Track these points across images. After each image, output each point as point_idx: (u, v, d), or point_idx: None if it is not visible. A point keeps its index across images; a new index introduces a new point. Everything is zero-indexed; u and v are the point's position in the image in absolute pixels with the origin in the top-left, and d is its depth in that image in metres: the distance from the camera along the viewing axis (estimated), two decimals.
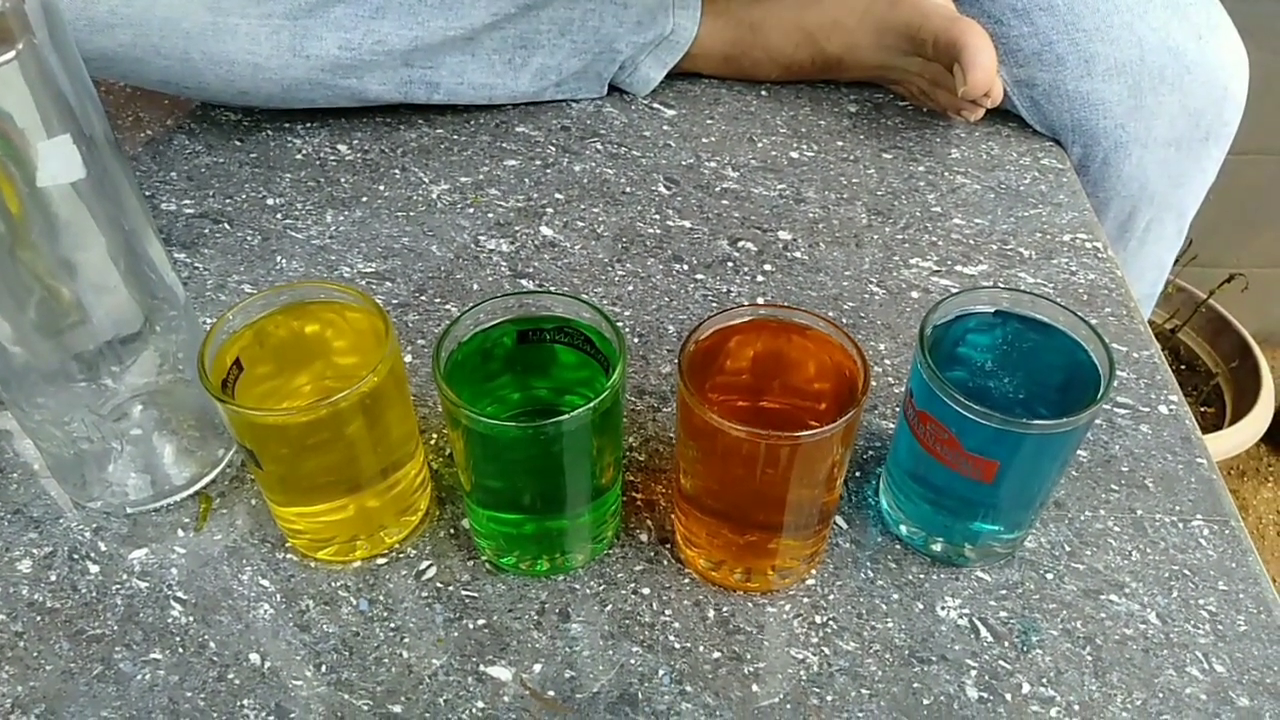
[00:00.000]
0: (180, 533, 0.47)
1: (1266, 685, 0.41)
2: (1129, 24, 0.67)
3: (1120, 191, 0.72)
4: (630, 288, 0.60)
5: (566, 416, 0.37)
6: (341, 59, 0.66)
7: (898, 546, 0.46)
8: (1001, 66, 0.69)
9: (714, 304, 0.59)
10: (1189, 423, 0.52)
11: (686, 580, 0.45)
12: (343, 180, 0.68)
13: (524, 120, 0.73)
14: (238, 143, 0.71)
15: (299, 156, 0.70)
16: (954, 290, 0.59)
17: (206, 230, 0.64)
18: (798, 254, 0.62)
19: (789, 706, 0.41)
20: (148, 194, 0.67)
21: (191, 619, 0.43)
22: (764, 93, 0.77)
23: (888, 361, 0.55)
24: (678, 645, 0.43)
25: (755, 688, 0.41)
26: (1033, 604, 0.44)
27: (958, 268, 0.61)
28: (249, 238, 0.63)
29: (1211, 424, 1.37)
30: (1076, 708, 0.41)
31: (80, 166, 0.38)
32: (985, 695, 0.41)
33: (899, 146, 0.71)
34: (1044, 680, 0.42)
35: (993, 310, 0.43)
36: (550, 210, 0.66)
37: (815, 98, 0.76)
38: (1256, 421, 1.35)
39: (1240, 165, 0.90)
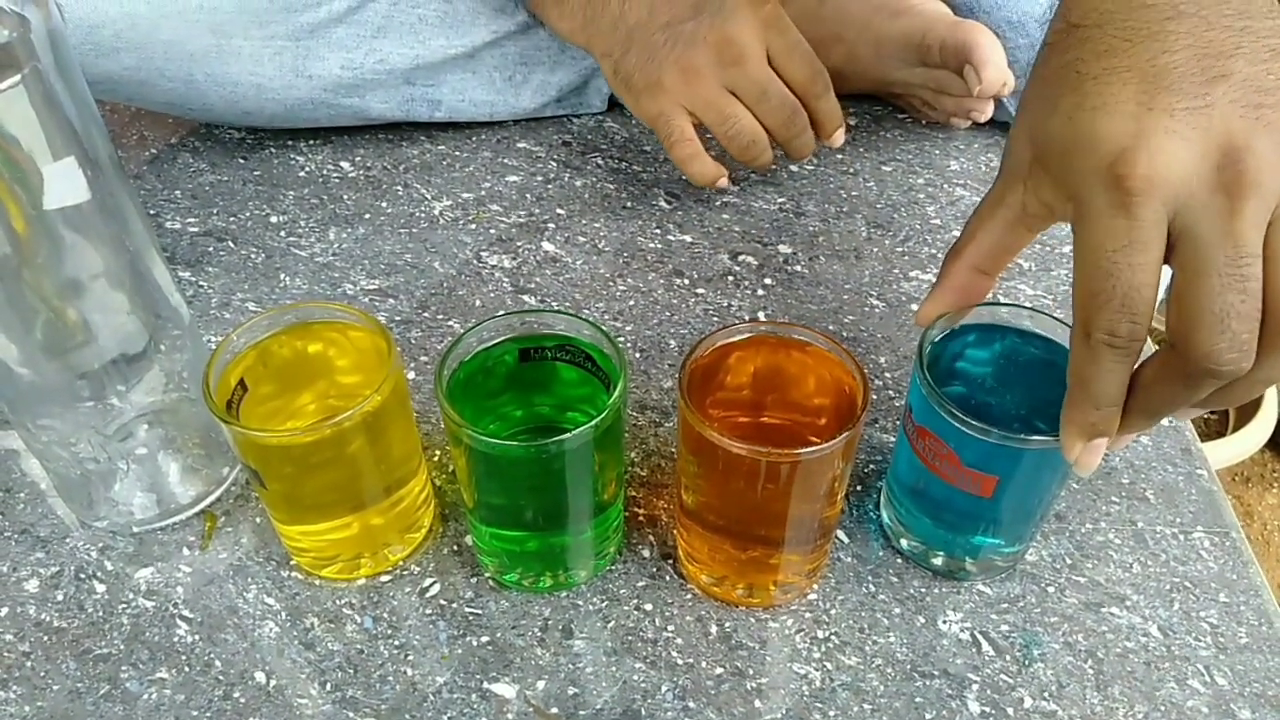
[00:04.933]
0: (186, 551, 0.47)
1: (1268, 698, 0.42)
2: None
3: None
4: (631, 302, 0.60)
5: (568, 435, 0.37)
6: (344, 78, 0.67)
7: (899, 560, 0.47)
8: None
9: (715, 318, 0.59)
10: (1189, 434, 0.52)
11: (689, 596, 0.45)
12: (345, 197, 0.68)
13: (525, 136, 0.74)
14: (241, 161, 0.72)
15: (302, 174, 0.70)
16: None
17: (211, 248, 0.64)
18: (798, 268, 0.63)
19: None
20: (152, 212, 0.67)
21: (197, 638, 0.44)
22: None
23: (888, 375, 0.55)
24: (680, 661, 0.43)
25: (758, 703, 0.41)
26: (1034, 617, 0.44)
27: None
28: (253, 255, 0.64)
29: (1215, 430, 1.37)
30: None
31: (85, 189, 0.38)
32: (987, 709, 0.41)
33: (898, 159, 0.72)
34: (1046, 694, 0.42)
35: (992, 324, 0.43)
36: (552, 225, 0.66)
37: None
38: (1261, 428, 1.36)
39: None
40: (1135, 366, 0.35)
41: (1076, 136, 0.35)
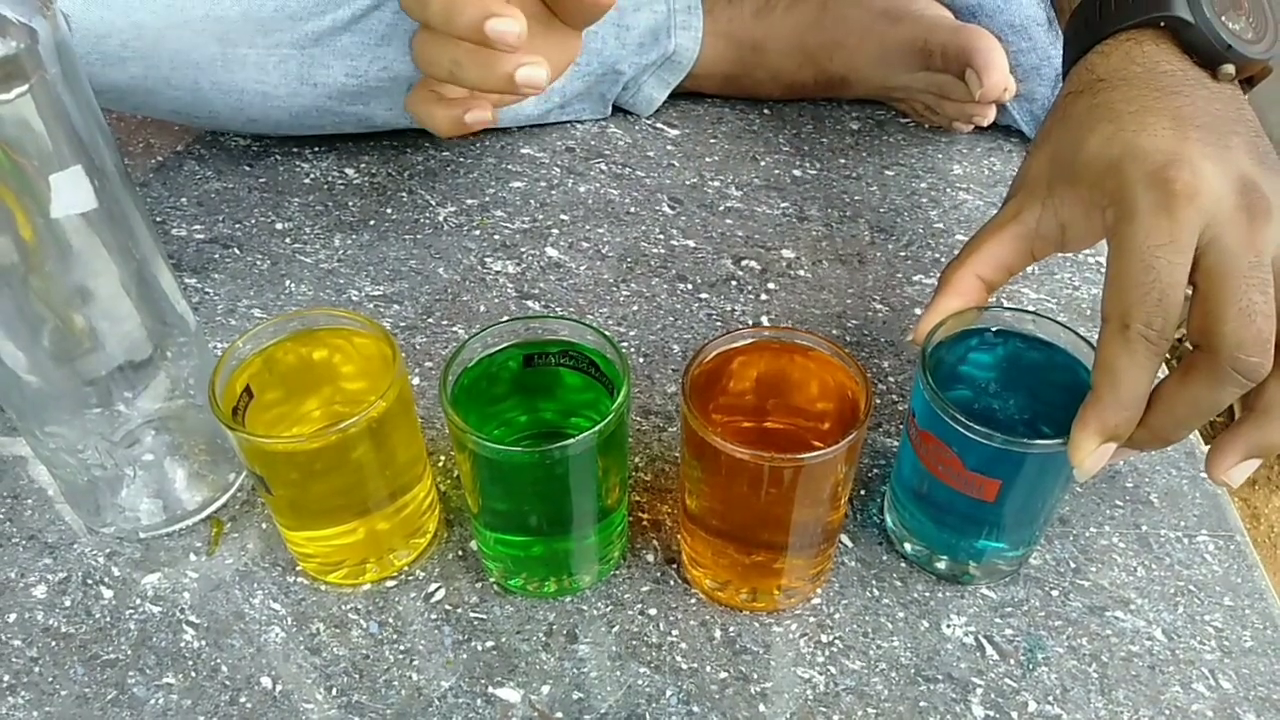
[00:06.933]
0: (192, 557, 0.47)
1: (1273, 701, 0.42)
2: None
3: None
4: (635, 307, 0.60)
5: (572, 441, 0.37)
6: (349, 86, 0.67)
7: (903, 564, 0.47)
8: None
9: (718, 323, 0.59)
10: (1193, 437, 0.52)
11: (693, 600, 0.45)
12: (350, 204, 0.69)
13: (529, 142, 0.74)
14: (247, 168, 0.72)
15: (307, 181, 0.71)
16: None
17: (216, 255, 0.64)
18: (801, 272, 0.63)
19: None
20: (158, 220, 0.68)
21: (204, 643, 0.44)
22: (766, 111, 0.77)
23: (891, 379, 0.56)
24: (685, 666, 0.43)
25: (762, 708, 0.41)
26: (1038, 621, 0.44)
27: None
28: (258, 262, 0.64)
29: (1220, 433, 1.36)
30: None
31: (92, 197, 0.39)
32: (992, 714, 0.41)
33: (901, 163, 0.72)
34: (1050, 698, 0.42)
35: (994, 329, 0.44)
36: (555, 231, 0.66)
37: (817, 116, 0.77)
38: None
39: None
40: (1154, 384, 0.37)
41: (1120, 151, 0.39)
